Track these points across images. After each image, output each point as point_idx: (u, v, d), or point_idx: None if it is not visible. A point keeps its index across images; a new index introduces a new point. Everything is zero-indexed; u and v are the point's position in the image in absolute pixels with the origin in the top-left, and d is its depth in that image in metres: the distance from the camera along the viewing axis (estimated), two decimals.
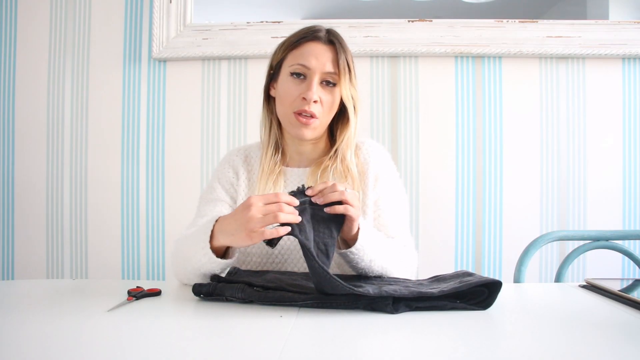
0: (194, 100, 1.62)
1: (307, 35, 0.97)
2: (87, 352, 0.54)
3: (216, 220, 0.80)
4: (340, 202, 0.77)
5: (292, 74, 0.96)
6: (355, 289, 0.69)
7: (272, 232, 0.72)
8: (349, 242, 0.83)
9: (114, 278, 1.63)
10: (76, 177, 1.65)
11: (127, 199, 1.63)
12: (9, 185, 1.67)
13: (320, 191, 0.78)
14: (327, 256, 0.75)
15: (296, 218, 0.73)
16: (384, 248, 0.86)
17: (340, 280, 0.69)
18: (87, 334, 0.60)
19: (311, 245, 0.73)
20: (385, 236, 0.98)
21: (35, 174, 1.66)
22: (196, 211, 1.03)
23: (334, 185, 0.78)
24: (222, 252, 0.82)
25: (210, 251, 0.79)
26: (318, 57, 0.95)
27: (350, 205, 0.77)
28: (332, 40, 0.97)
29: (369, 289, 0.70)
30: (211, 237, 0.79)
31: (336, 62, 0.95)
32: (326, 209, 0.77)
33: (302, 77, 0.96)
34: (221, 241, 0.79)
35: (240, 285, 0.75)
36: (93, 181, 1.64)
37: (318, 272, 0.70)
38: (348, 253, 0.82)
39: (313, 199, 0.78)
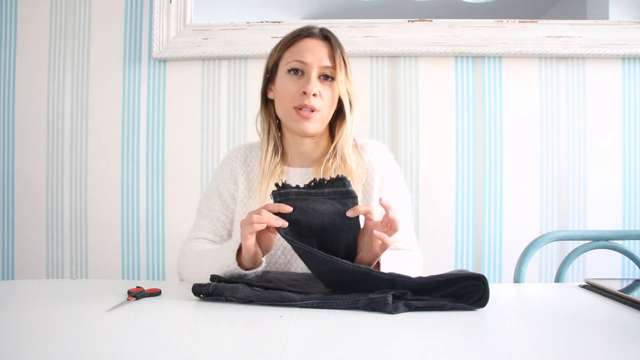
0: (194, 100, 1.62)
1: (301, 33, 0.99)
2: (87, 352, 0.54)
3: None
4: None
5: (289, 70, 0.97)
6: (369, 269, 0.71)
7: (245, 233, 0.77)
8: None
9: (114, 278, 1.63)
10: (76, 177, 1.65)
11: (127, 199, 1.63)
12: (9, 185, 1.67)
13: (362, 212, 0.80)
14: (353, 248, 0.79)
15: (268, 223, 0.76)
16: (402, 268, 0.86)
17: (348, 262, 0.71)
18: (87, 334, 0.60)
19: (314, 242, 0.76)
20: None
21: (35, 174, 1.65)
22: (196, 218, 1.05)
23: (368, 205, 0.83)
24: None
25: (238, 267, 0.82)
26: (314, 52, 0.96)
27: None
28: (327, 35, 1.00)
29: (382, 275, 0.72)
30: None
31: (332, 57, 0.97)
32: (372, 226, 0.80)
33: (300, 72, 0.97)
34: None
35: (240, 285, 0.75)
36: (93, 181, 1.64)
37: (325, 260, 0.72)
38: None
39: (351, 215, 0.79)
